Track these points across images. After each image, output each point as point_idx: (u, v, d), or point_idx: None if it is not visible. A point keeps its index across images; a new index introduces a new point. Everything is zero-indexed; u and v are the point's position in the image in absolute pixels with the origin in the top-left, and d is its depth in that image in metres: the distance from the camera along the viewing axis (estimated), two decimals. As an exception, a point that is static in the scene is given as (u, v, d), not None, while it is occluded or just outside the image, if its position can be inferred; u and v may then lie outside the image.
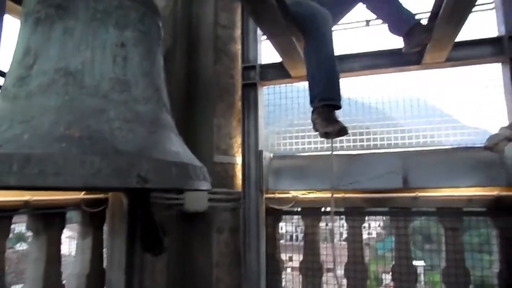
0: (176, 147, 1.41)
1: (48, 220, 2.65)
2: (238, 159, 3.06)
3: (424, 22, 2.28)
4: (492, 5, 2.85)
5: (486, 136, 2.32)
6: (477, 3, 2.99)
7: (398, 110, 3.02)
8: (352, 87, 3.07)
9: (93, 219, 3.02)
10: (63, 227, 2.77)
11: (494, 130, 2.29)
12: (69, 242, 3.57)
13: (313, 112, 1.84)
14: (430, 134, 2.95)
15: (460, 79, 2.94)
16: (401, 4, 2.26)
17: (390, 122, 3.05)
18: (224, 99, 3.07)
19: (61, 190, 2.41)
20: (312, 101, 1.86)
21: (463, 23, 2.06)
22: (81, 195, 2.81)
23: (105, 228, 3.10)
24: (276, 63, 2.88)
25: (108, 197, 3.00)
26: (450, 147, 2.84)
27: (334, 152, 2.67)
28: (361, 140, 3.05)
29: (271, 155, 3.11)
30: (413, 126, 2.99)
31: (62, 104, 1.27)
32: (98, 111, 1.28)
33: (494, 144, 2.24)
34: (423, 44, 2.22)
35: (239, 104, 3.07)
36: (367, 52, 2.73)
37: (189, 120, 3.05)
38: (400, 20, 2.20)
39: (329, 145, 2.52)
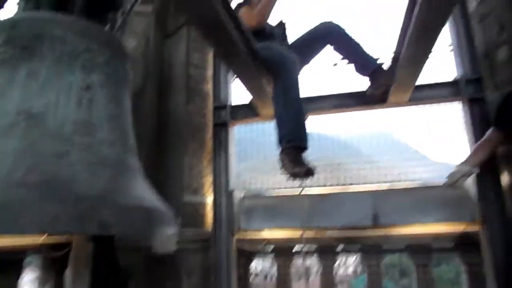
0: (141, 191, 1.38)
1: (2, 268, 2.49)
2: (209, 199, 3.02)
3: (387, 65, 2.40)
4: (450, 48, 3.05)
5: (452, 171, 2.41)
6: (436, 48, 3.22)
7: (369, 145, 3.10)
8: (323, 123, 3.14)
9: (54, 264, 2.86)
10: (20, 275, 2.60)
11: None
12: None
13: (280, 152, 1.87)
14: (400, 169, 3.02)
15: (427, 115, 3.07)
16: (364, 49, 2.38)
17: (362, 158, 3.12)
18: (196, 138, 3.06)
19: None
20: (279, 142, 1.89)
21: (422, 67, 2.18)
22: (41, 239, 2.68)
23: (68, 273, 2.94)
24: (247, 104, 2.93)
25: (72, 240, 2.87)
26: (418, 184, 2.91)
27: (306, 189, 2.69)
28: (334, 176, 3.08)
29: (243, 194, 3.09)
30: (384, 161, 3.05)
31: (22, 147, 1.23)
32: (59, 154, 1.25)
33: (454, 181, 2.32)
34: (387, 85, 2.33)
35: (210, 143, 3.07)
36: (336, 94, 2.83)
37: (160, 160, 3.01)
38: (365, 62, 2.32)
39: (301, 183, 2.54)
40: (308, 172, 1.78)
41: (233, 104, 3.19)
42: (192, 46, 3.17)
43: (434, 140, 3.01)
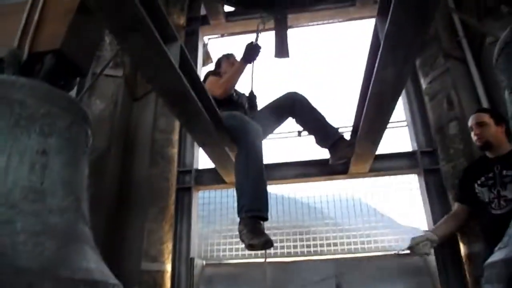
0: (90, 262, 1.30)
1: None
2: (168, 267, 2.87)
3: (348, 136, 2.51)
4: (405, 123, 3.25)
5: (418, 234, 2.44)
6: (392, 121, 3.42)
7: (335, 211, 3.12)
8: (289, 188, 3.17)
9: None
10: None
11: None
12: None
13: (239, 222, 1.85)
14: (365, 235, 3.02)
15: (388, 184, 3.16)
16: (326, 119, 2.49)
17: (328, 224, 3.12)
18: (157, 203, 2.98)
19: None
20: (239, 212, 1.87)
21: (379, 140, 2.28)
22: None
23: None
24: (211, 168, 2.92)
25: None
26: (382, 252, 2.91)
27: (268, 258, 2.62)
28: (299, 242, 3.04)
29: (204, 262, 2.97)
30: (349, 227, 3.06)
31: (-37, 213, 1.16)
32: (3, 222, 1.18)
33: (415, 244, 2.34)
34: (347, 157, 2.41)
35: (172, 208, 3.00)
36: (299, 162, 2.89)
37: (119, 225, 2.90)
38: (325, 135, 2.41)
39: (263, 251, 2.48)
40: (266, 244, 1.76)
41: (199, 168, 3.18)
42: (160, 111, 3.21)
43: (396, 207, 3.08)
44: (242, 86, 2.83)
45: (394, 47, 1.39)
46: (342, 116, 3.23)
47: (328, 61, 3.65)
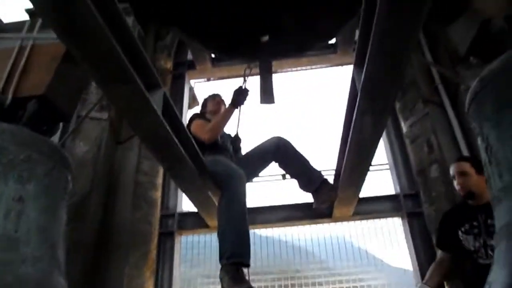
0: (62, 316, 1.25)
1: None
2: (148, 316, 2.76)
3: (331, 179, 2.53)
4: (387, 166, 3.30)
5: (407, 275, 2.39)
6: (375, 164, 3.47)
7: (325, 252, 3.07)
8: (275, 231, 3.13)
9: None
10: None
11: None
12: None
13: (221, 269, 1.81)
14: (355, 276, 2.97)
15: (373, 226, 3.15)
16: (309, 163, 2.51)
17: (318, 265, 3.06)
18: (139, 247, 2.91)
19: None
20: (221, 258, 1.83)
21: (361, 184, 2.31)
22: None
23: None
24: (195, 212, 2.89)
25: None
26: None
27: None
28: (289, 284, 2.97)
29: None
30: (339, 268, 3.01)
31: None
32: (-28, 274, 1.13)
33: None
34: (331, 201, 2.41)
35: (154, 253, 2.92)
36: (283, 205, 2.89)
37: (98, 270, 2.79)
38: (308, 179, 2.42)
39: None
40: (247, 291, 1.71)
41: (182, 211, 3.14)
42: (144, 154, 3.20)
43: (384, 249, 3.06)
44: (228, 127, 2.87)
45: (371, 97, 1.45)
46: (326, 158, 3.27)
47: (312, 105, 3.75)
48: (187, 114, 3.67)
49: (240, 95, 2.52)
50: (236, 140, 2.85)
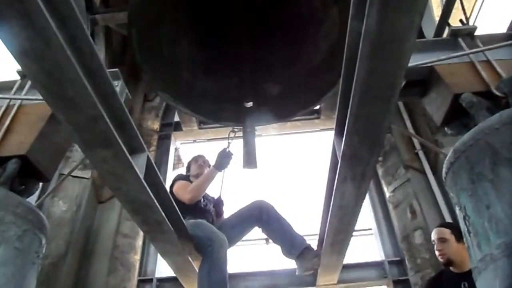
0: None
1: None
2: None
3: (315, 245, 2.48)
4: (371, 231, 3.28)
5: None
6: (360, 229, 3.45)
7: None
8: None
9: None
10: None
11: None
12: None
13: None
14: None
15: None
16: (292, 228, 2.48)
17: None
18: (112, 316, 2.74)
19: None
20: (199, 329, 1.74)
21: (345, 251, 2.27)
22: None
23: None
24: (174, 276, 2.77)
25: None
26: None
27: None
28: None
29: None
30: None
31: None
32: None
33: None
34: (314, 268, 2.35)
35: (128, 322, 2.75)
36: (265, 271, 2.80)
37: None
38: (291, 245, 2.38)
39: None
40: None
41: (161, 276, 3.00)
42: (125, 214, 3.13)
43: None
44: (211, 190, 2.85)
45: (351, 164, 1.48)
46: (309, 223, 3.24)
47: (296, 169, 3.79)
48: (172, 175, 3.66)
49: (224, 158, 2.54)
50: (219, 203, 2.81)
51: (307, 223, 3.21)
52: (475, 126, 1.36)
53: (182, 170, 3.44)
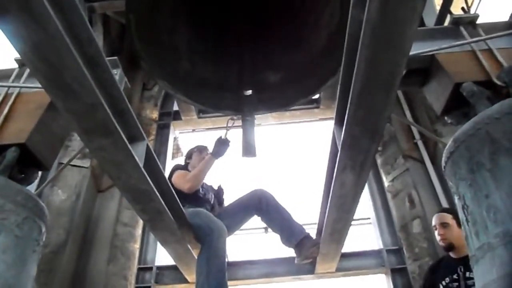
0: None
1: None
2: None
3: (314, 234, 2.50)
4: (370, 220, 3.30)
5: None
6: (358, 218, 3.46)
7: None
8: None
9: None
10: None
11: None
12: None
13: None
14: None
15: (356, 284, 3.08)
16: (291, 217, 2.49)
17: None
18: (113, 303, 2.76)
19: None
20: (197, 316, 1.76)
21: (344, 239, 2.28)
22: None
23: None
24: (173, 265, 2.79)
25: None
26: None
27: None
28: None
29: None
30: None
31: None
32: None
33: None
34: (313, 257, 2.37)
35: (128, 310, 2.77)
36: (264, 260, 2.82)
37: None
38: (290, 234, 2.39)
39: None
40: None
41: (160, 265, 3.02)
42: (124, 203, 3.13)
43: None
44: (210, 179, 2.85)
45: (350, 154, 1.48)
46: (309, 212, 3.25)
47: (295, 158, 3.79)
48: (171, 164, 3.65)
49: (221, 146, 2.54)
50: (219, 192, 2.82)
51: (306, 212, 3.22)
52: (475, 115, 1.35)
53: (181, 160, 3.43)
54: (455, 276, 2.21)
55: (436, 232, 2.35)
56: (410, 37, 1.04)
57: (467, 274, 2.15)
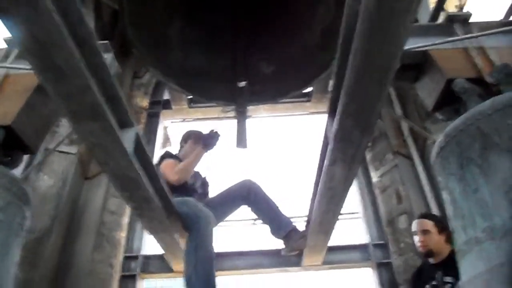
0: None
1: None
2: None
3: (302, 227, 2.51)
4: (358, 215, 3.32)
5: None
6: (346, 212, 3.49)
7: None
8: (242, 281, 3.04)
9: None
10: None
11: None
12: None
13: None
14: None
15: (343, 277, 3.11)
16: (279, 210, 2.50)
17: None
18: (97, 291, 2.74)
19: None
20: (186, 307, 1.76)
21: (331, 231, 2.29)
22: None
23: None
24: (159, 254, 2.78)
25: None
26: None
27: None
28: None
29: None
30: None
31: None
32: None
33: None
34: (300, 249, 2.39)
35: (114, 298, 2.75)
36: (251, 251, 2.83)
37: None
38: (279, 225, 2.40)
39: None
40: None
41: (146, 254, 3.00)
42: (112, 191, 3.09)
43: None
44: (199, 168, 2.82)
45: (341, 146, 1.48)
46: (299, 205, 3.26)
47: (286, 151, 3.80)
48: (159, 153, 3.62)
49: (211, 138, 2.52)
50: (204, 184, 2.80)
51: (296, 204, 3.23)
52: (466, 112, 1.36)
53: (170, 149, 3.41)
54: (434, 282, 2.19)
55: (416, 238, 2.33)
56: (406, 29, 1.03)
57: (444, 279, 2.15)
